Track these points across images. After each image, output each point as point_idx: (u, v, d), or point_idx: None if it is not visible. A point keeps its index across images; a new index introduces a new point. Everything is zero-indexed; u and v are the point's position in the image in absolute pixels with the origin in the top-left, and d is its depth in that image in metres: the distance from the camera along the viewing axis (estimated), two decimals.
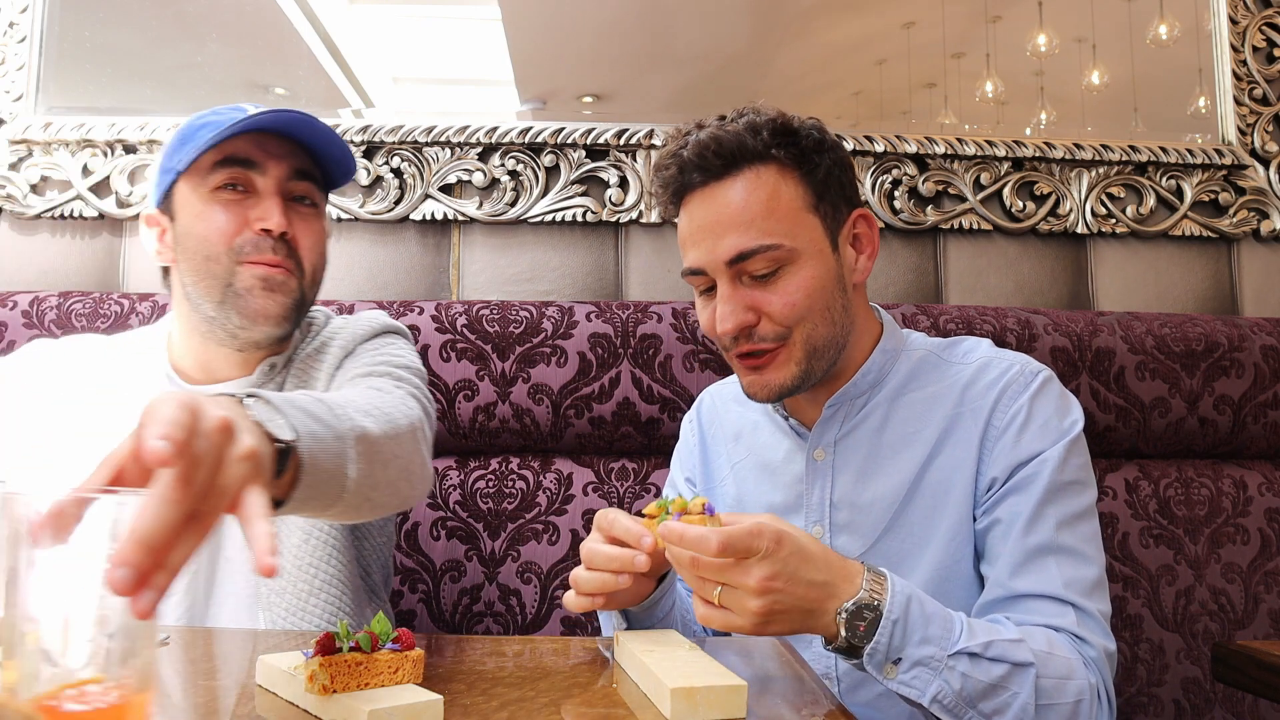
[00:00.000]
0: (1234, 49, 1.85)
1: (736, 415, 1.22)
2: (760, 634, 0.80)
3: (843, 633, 0.81)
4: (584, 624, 1.42)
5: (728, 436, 1.22)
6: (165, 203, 1.11)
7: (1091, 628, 0.92)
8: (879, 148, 1.78)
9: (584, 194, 1.76)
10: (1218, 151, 1.82)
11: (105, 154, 1.74)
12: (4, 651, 0.50)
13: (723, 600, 0.80)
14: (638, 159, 1.77)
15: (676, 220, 1.07)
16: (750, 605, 0.78)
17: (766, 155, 1.00)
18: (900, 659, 0.81)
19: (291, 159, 1.09)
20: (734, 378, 1.30)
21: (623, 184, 1.76)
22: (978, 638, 0.84)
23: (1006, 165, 1.80)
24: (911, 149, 1.78)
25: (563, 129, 1.75)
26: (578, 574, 0.90)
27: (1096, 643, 0.91)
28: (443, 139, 1.75)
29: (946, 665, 0.82)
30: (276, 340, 1.10)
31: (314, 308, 1.23)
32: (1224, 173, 1.82)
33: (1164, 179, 1.82)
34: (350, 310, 1.51)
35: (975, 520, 1.01)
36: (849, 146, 1.77)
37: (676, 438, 1.29)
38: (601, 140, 1.75)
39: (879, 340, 1.09)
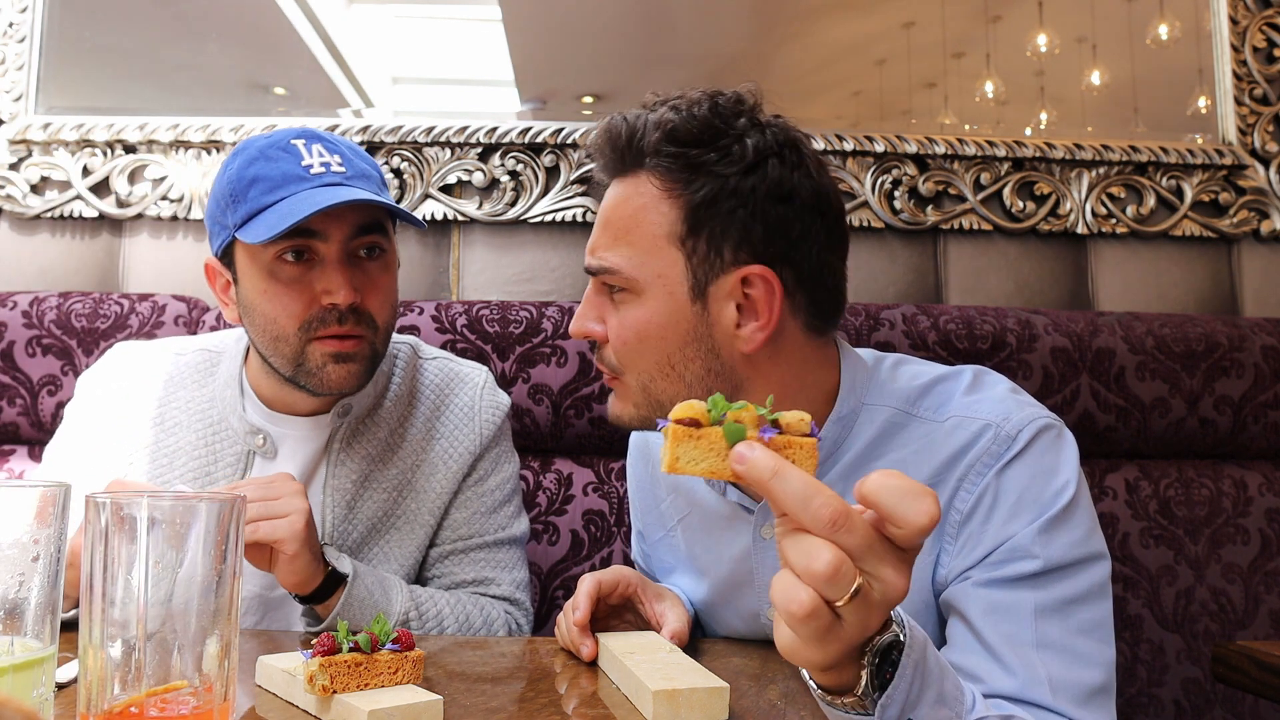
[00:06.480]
0: (1234, 49, 1.85)
1: None
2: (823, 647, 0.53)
3: (865, 677, 0.57)
4: None
5: (669, 483, 1.08)
6: (225, 256, 1.06)
7: None
8: (879, 148, 1.77)
9: (584, 194, 1.75)
10: (1218, 151, 1.81)
11: (105, 154, 1.74)
12: (85, 655, 0.51)
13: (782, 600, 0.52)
14: None
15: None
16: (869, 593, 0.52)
17: (657, 159, 0.85)
18: None
19: (353, 215, 1.01)
20: None
21: None
22: (993, 712, 0.66)
23: (1006, 165, 1.80)
24: (911, 149, 1.78)
25: (563, 129, 1.75)
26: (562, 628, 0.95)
27: None
28: (443, 139, 1.74)
29: None
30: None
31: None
32: (1224, 173, 1.82)
33: (1164, 179, 1.81)
34: None
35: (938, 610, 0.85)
36: (849, 146, 1.77)
37: None
38: None
39: (834, 401, 0.91)
